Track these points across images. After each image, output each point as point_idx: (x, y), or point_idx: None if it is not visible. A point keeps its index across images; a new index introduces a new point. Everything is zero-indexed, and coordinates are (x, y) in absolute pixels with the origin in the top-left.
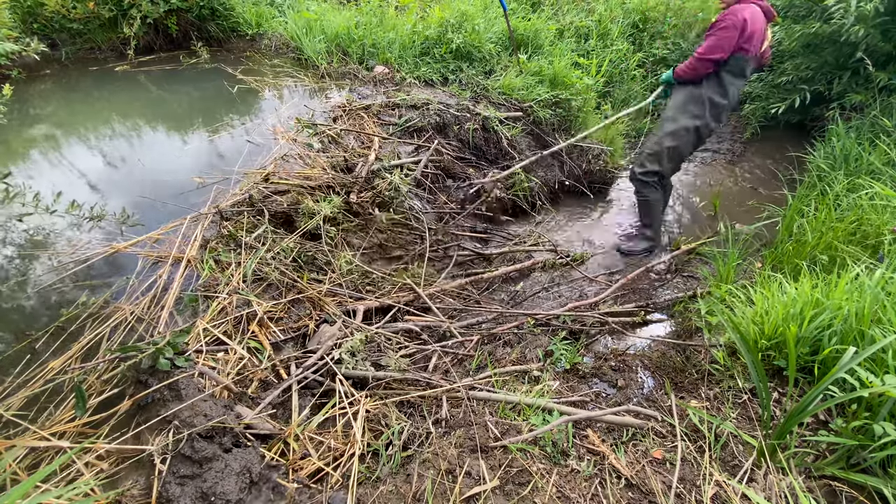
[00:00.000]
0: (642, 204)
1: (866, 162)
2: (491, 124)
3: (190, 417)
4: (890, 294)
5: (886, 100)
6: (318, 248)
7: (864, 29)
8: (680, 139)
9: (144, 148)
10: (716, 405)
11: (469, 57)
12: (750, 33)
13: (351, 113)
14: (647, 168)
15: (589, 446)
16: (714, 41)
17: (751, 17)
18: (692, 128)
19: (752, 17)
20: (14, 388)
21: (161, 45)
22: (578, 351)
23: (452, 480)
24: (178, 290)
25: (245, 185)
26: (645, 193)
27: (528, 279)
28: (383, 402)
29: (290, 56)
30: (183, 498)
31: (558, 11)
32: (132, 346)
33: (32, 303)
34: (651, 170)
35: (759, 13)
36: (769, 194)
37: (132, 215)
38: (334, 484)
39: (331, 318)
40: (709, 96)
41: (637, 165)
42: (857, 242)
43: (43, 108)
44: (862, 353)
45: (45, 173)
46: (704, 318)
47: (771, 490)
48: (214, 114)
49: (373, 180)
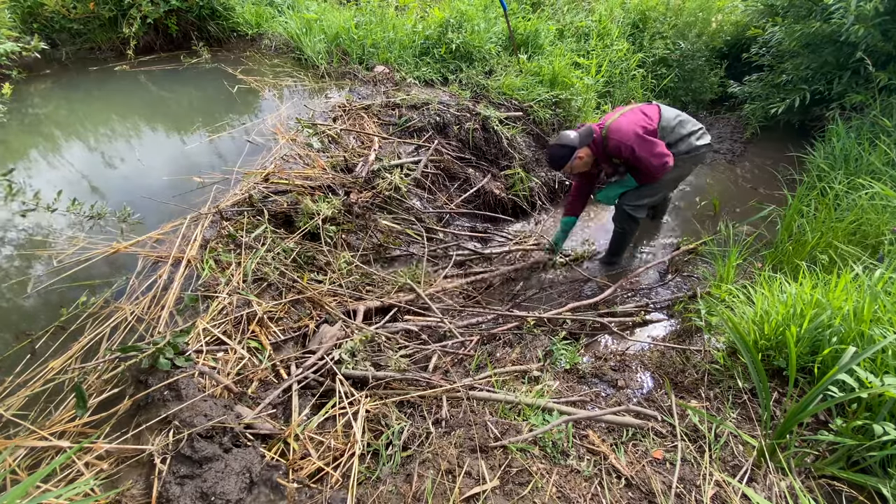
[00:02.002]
0: (618, 234)
1: (866, 162)
2: (491, 124)
3: (190, 417)
4: (890, 294)
5: (886, 100)
6: (318, 249)
7: (864, 29)
8: (655, 195)
9: (144, 148)
10: (716, 405)
11: (469, 57)
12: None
13: (351, 113)
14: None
15: (589, 446)
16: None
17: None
18: (663, 192)
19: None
20: (14, 388)
21: (161, 45)
22: (578, 351)
23: (452, 480)
24: (178, 290)
25: (245, 185)
26: (625, 226)
27: (527, 279)
28: (383, 402)
29: (290, 56)
30: (183, 498)
31: (558, 11)
32: (132, 346)
33: (32, 303)
34: (640, 204)
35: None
36: (769, 194)
37: (132, 214)
38: (334, 484)
39: (331, 319)
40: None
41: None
42: (857, 242)
43: (43, 108)
44: (862, 354)
45: (44, 172)
46: (704, 318)
47: (771, 490)
48: (214, 114)
49: (373, 180)
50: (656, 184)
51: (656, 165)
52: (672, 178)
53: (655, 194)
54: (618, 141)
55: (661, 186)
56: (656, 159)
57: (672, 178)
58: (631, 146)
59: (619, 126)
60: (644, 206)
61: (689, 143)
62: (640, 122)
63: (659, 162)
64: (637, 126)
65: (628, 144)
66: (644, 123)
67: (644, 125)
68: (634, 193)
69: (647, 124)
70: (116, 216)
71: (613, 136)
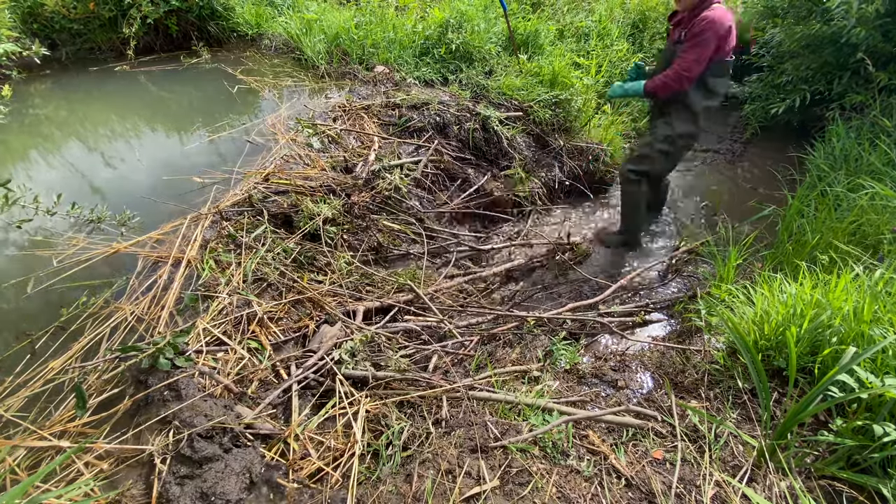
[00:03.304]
0: (625, 203)
1: (866, 162)
2: (491, 124)
3: (190, 417)
4: (890, 294)
5: (886, 100)
6: (318, 249)
7: (865, 30)
8: (673, 145)
9: (144, 148)
10: (716, 405)
11: (469, 57)
12: (730, 38)
13: (351, 113)
14: (636, 167)
15: (589, 446)
16: (695, 56)
17: (730, 21)
18: (686, 133)
19: (730, 20)
20: (14, 388)
21: (161, 46)
22: (578, 351)
23: (452, 480)
24: (178, 290)
25: (245, 185)
26: (629, 191)
27: (527, 278)
28: (383, 402)
29: (290, 56)
30: (183, 498)
31: (558, 12)
32: (132, 346)
33: (32, 303)
34: (640, 169)
35: (727, 9)
36: (769, 194)
37: (132, 217)
38: (334, 484)
39: (331, 319)
40: (700, 104)
41: (627, 162)
42: (857, 242)
43: (43, 109)
44: (862, 354)
45: (44, 173)
46: (704, 318)
47: (771, 490)
48: (214, 114)
49: (373, 181)
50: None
51: (685, 67)
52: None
53: (669, 132)
54: (710, 15)
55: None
56: (692, 64)
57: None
58: (703, 29)
59: (724, 11)
60: (646, 158)
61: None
62: (733, 28)
63: (689, 66)
64: (727, 27)
65: (706, 25)
66: (730, 39)
67: (729, 37)
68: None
69: (728, 42)
70: (116, 220)
71: (713, 10)
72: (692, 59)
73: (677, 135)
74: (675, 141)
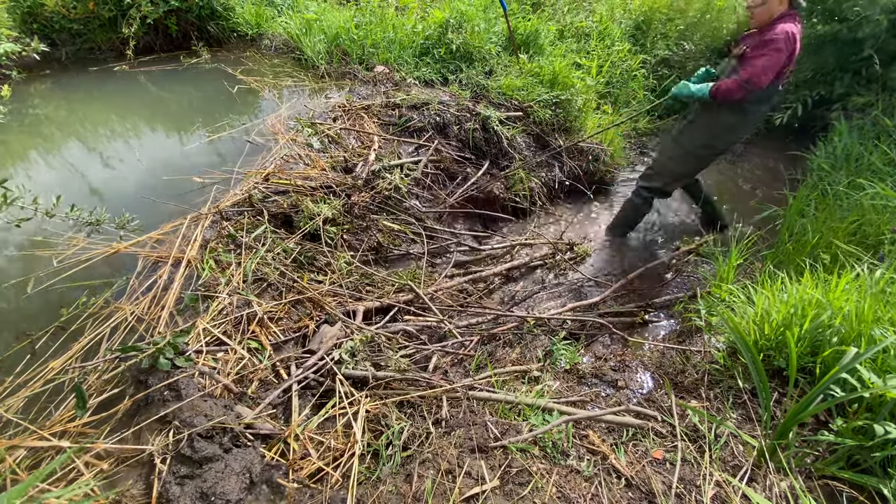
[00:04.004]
0: (624, 208)
1: (867, 162)
2: (491, 124)
3: (190, 417)
4: (890, 294)
5: (888, 100)
6: (318, 249)
7: (886, 19)
8: (687, 164)
9: (144, 148)
10: (716, 405)
11: (469, 57)
12: (794, 57)
13: (351, 113)
14: (650, 184)
15: (589, 446)
16: (765, 63)
17: (799, 40)
18: (703, 155)
19: (799, 38)
20: (14, 388)
21: (161, 46)
22: (578, 351)
23: (452, 480)
24: (178, 290)
25: (245, 185)
26: (633, 203)
27: (527, 278)
28: (383, 402)
29: (290, 56)
30: (183, 498)
31: (558, 12)
32: (132, 346)
33: (32, 303)
34: (653, 186)
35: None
36: (769, 194)
37: (131, 220)
38: (334, 484)
39: (331, 319)
40: (729, 123)
41: (643, 178)
42: (858, 242)
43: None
44: (863, 354)
45: (44, 173)
46: (705, 318)
47: (771, 490)
48: (214, 114)
49: (373, 180)
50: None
51: (755, 73)
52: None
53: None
54: (787, 27)
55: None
56: (761, 72)
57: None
58: (778, 38)
59: (792, 25)
60: (659, 175)
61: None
62: (796, 52)
63: (758, 73)
64: (799, 45)
65: (782, 34)
66: (794, 58)
67: (794, 55)
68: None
69: (793, 61)
70: (115, 222)
71: (782, 22)
72: (762, 65)
73: (693, 155)
74: (689, 161)
